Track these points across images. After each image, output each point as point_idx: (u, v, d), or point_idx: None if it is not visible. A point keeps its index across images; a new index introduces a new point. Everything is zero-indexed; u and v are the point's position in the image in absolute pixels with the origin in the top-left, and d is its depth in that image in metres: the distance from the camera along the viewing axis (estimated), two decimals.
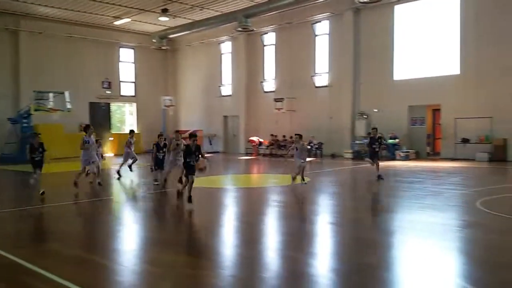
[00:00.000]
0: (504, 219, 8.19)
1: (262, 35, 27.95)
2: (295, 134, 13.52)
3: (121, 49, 30.99)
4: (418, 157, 21.65)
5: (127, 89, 31.59)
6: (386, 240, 6.99)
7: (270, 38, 27.90)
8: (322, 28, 25.29)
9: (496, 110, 19.02)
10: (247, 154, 27.21)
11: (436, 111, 22.74)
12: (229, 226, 8.47)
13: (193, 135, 9.92)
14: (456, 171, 16.39)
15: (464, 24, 20.23)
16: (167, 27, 28.93)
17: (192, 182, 9.77)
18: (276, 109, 26.05)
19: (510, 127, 18.76)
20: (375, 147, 14.05)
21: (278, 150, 25.12)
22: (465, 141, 19.85)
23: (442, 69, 21.00)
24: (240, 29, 24.95)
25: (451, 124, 20.11)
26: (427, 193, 11.50)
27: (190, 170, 9.75)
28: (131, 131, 15.82)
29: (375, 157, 14.03)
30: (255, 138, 26.76)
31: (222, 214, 9.63)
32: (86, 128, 12.50)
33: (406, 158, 21.05)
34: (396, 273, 5.51)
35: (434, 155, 22.70)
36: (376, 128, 14.72)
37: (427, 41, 21.74)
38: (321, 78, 25.26)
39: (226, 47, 30.24)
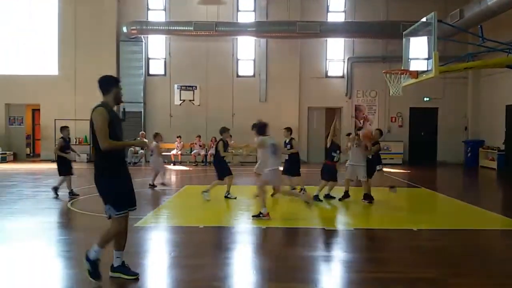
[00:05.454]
0: (89, 216, 8.79)
1: None
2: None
3: None
4: (16, 159, 20.48)
5: None
6: None
7: None
8: None
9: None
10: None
11: (36, 111, 22.15)
12: None
13: None
14: (54, 172, 16.30)
15: (63, 25, 20.58)
16: None
17: None
18: None
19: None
20: None
21: None
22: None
23: (42, 68, 20.70)
24: None
25: (51, 125, 19.94)
26: (19, 197, 10.97)
27: None
28: None
29: None
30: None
31: None
32: None
33: (3, 160, 19.53)
34: None
35: (34, 156, 22.06)
36: None
37: (25, 37, 20.84)
38: None
39: None
